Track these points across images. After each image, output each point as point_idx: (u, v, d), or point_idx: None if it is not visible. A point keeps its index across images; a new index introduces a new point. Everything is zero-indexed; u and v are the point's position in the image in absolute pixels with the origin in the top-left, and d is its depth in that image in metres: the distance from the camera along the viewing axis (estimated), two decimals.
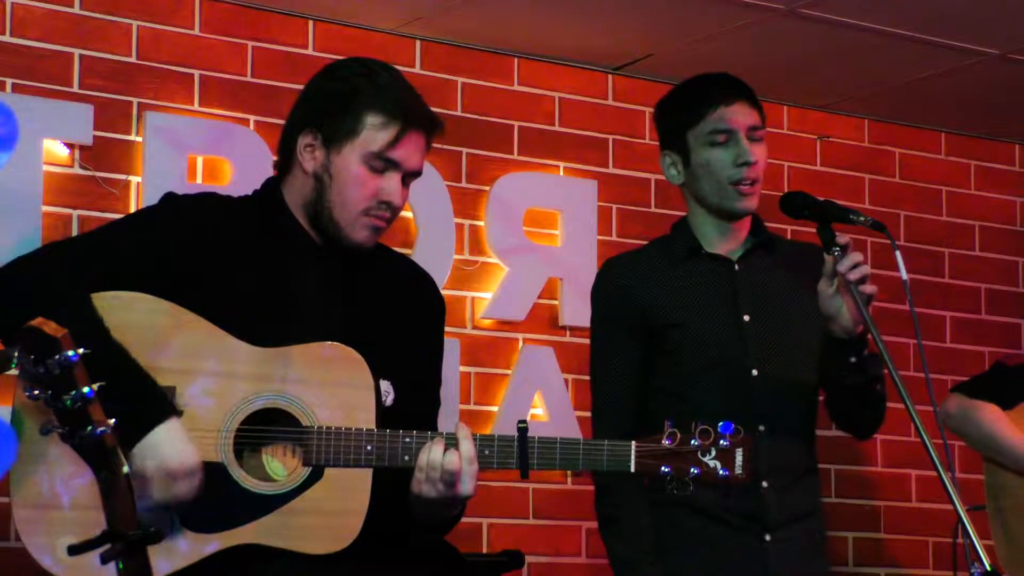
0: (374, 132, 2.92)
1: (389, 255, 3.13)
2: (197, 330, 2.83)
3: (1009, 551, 4.48)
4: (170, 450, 2.72)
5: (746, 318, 3.41)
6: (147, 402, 2.75)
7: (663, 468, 2.87)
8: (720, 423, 2.89)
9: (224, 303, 2.86)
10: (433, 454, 2.81)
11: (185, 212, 2.96)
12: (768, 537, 3.36)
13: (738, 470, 2.88)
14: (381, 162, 2.93)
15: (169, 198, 3.00)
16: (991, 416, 4.45)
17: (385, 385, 2.91)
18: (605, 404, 3.47)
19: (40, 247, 2.98)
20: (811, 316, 3.38)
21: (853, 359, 3.26)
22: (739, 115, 3.41)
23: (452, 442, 2.84)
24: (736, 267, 3.45)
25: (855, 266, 3.15)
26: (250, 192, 3.09)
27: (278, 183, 3.04)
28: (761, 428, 3.33)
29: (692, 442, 2.88)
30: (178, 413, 2.77)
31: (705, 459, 2.88)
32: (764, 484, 3.33)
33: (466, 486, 2.83)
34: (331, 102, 2.95)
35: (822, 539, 3.49)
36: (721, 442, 2.88)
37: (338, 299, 2.98)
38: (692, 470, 2.87)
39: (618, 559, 3.40)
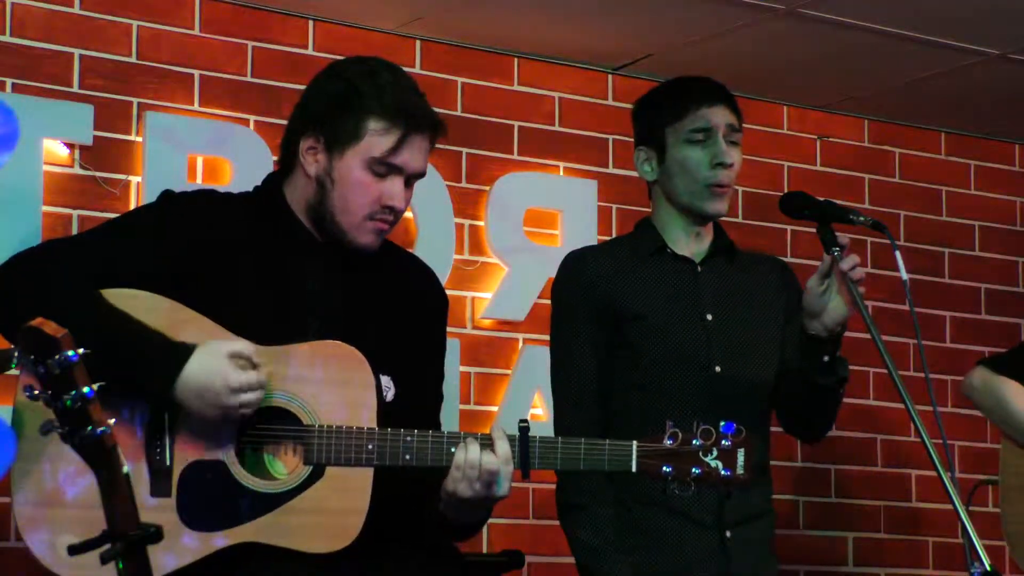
0: (376, 137, 2.91)
1: (392, 250, 3.13)
2: (198, 328, 2.83)
3: (1011, 527, 4.54)
4: (208, 382, 2.73)
5: (709, 317, 3.45)
6: (171, 349, 2.76)
7: (664, 468, 2.88)
8: (722, 423, 2.90)
9: (225, 301, 2.87)
10: (471, 453, 2.81)
11: (184, 209, 2.96)
12: (728, 534, 3.39)
13: (740, 470, 2.89)
14: (383, 167, 2.93)
15: (167, 196, 3.00)
16: (1013, 392, 4.52)
17: (386, 380, 2.91)
18: (572, 394, 3.46)
19: (39, 244, 2.98)
20: (769, 321, 3.50)
21: (826, 358, 3.29)
22: (720, 116, 3.44)
23: (486, 443, 2.83)
24: (699, 268, 3.49)
25: (855, 266, 3.18)
26: (251, 189, 3.10)
27: (280, 180, 3.03)
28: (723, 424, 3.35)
29: (694, 442, 2.88)
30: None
31: (707, 459, 2.88)
32: None
33: (502, 487, 2.84)
34: (332, 106, 2.94)
35: (772, 539, 3.53)
36: (723, 442, 2.89)
37: (339, 296, 2.97)
38: (694, 470, 2.88)
39: (584, 546, 3.40)
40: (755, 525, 3.45)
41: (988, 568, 2.87)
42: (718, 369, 3.42)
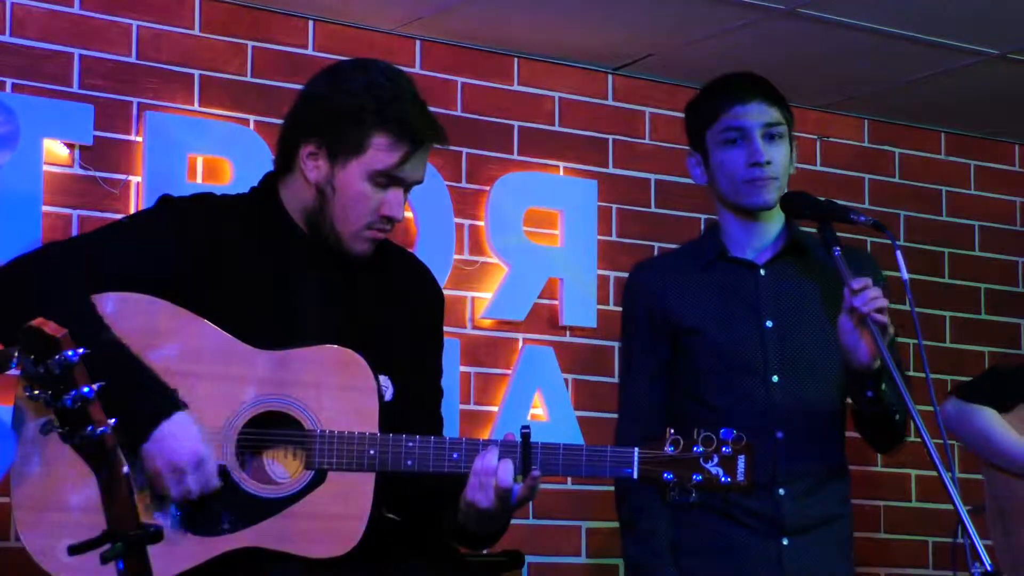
0: (380, 152, 2.91)
1: (386, 248, 3.11)
2: (199, 332, 2.83)
3: (1010, 553, 4.49)
4: (176, 445, 2.72)
5: (768, 324, 3.39)
6: (151, 399, 2.75)
7: (666, 475, 2.87)
8: (721, 429, 2.88)
9: (223, 304, 2.86)
10: (487, 461, 2.82)
11: (182, 213, 2.95)
12: (785, 541, 3.35)
13: (740, 477, 2.88)
14: (385, 179, 2.93)
15: (166, 200, 3.00)
16: (987, 419, 4.45)
17: (383, 380, 2.91)
18: (629, 405, 3.47)
19: (41, 246, 2.98)
20: (833, 323, 3.35)
21: (870, 393, 3.25)
22: (753, 114, 3.38)
23: (507, 452, 2.84)
24: (761, 272, 3.43)
25: (870, 300, 3.13)
26: (247, 189, 3.09)
27: (275, 181, 3.03)
28: (779, 435, 3.32)
29: (695, 449, 2.88)
30: (183, 406, 2.77)
31: (707, 466, 2.88)
32: (781, 491, 3.33)
33: (515, 500, 2.85)
34: (336, 116, 2.92)
35: (846, 543, 3.46)
36: (723, 449, 2.88)
37: (336, 296, 2.97)
38: (694, 477, 2.87)
39: (631, 562, 3.40)
40: (820, 531, 3.38)
41: (988, 568, 2.87)
42: (775, 379, 3.36)
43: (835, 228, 3.25)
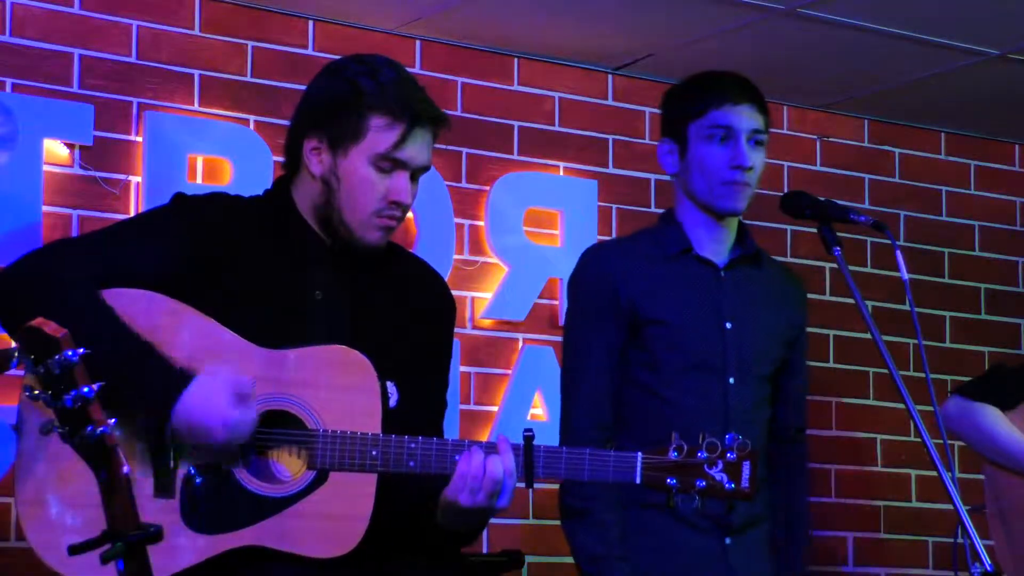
0: (379, 133, 2.91)
1: (399, 254, 3.12)
2: (205, 330, 2.83)
3: (1011, 552, 4.49)
4: (200, 419, 2.73)
5: (728, 326, 3.42)
6: (169, 375, 2.75)
7: (669, 480, 2.86)
8: (727, 435, 2.87)
9: (232, 304, 2.86)
10: (475, 465, 2.80)
11: (195, 212, 2.95)
12: (728, 540, 3.39)
13: (744, 484, 2.86)
14: (388, 162, 2.92)
15: (179, 198, 3.00)
16: (991, 417, 4.45)
17: (389, 386, 2.91)
18: (583, 395, 3.42)
19: (50, 243, 2.98)
20: (778, 336, 3.48)
21: None
22: (744, 117, 3.39)
23: (491, 451, 2.82)
24: (722, 274, 3.45)
25: None
26: (259, 192, 3.09)
27: (288, 183, 3.03)
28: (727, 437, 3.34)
29: (699, 454, 2.86)
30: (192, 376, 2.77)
31: (711, 472, 2.86)
32: None
33: (504, 499, 2.83)
34: (334, 105, 2.93)
35: (771, 543, 3.52)
36: (728, 455, 2.86)
37: (346, 300, 2.97)
38: (698, 483, 2.85)
39: (585, 554, 3.37)
40: (754, 531, 3.45)
41: (988, 568, 2.87)
42: (732, 380, 3.40)
43: (835, 228, 3.25)
